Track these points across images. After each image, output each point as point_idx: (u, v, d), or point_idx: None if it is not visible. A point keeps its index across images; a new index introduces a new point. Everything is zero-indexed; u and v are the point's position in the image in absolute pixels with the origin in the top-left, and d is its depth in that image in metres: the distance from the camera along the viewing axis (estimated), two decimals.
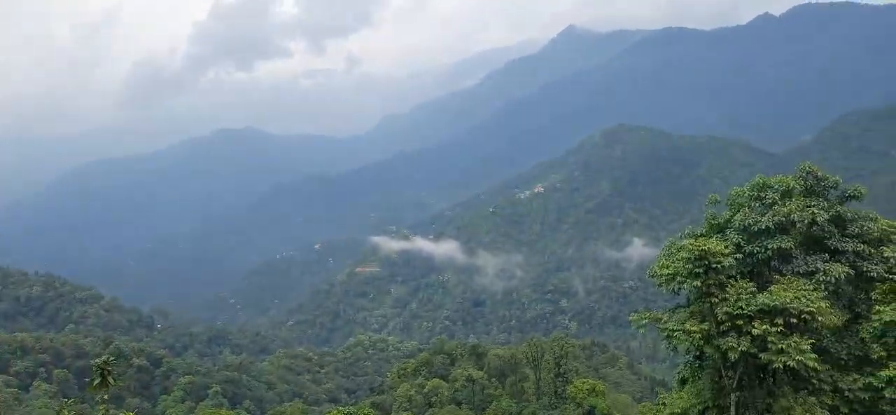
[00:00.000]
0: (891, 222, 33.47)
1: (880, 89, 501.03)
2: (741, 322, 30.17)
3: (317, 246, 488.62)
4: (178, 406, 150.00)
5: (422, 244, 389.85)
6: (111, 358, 34.93)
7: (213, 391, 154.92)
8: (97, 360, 37.37)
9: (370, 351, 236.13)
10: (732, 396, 32.21)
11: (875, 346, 30.08)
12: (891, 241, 32.43)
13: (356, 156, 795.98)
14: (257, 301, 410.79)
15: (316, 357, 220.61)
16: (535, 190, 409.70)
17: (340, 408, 55.99)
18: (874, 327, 29.89)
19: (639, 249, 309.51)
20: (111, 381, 34.62)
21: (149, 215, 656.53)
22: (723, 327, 30.83)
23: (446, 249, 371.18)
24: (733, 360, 30.59)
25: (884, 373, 28.73)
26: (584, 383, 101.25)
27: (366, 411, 56.84)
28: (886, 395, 28.59)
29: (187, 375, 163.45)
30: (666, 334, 32.78)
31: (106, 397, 34.69)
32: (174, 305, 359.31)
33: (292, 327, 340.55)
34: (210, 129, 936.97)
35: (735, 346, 29.90)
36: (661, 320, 33.57)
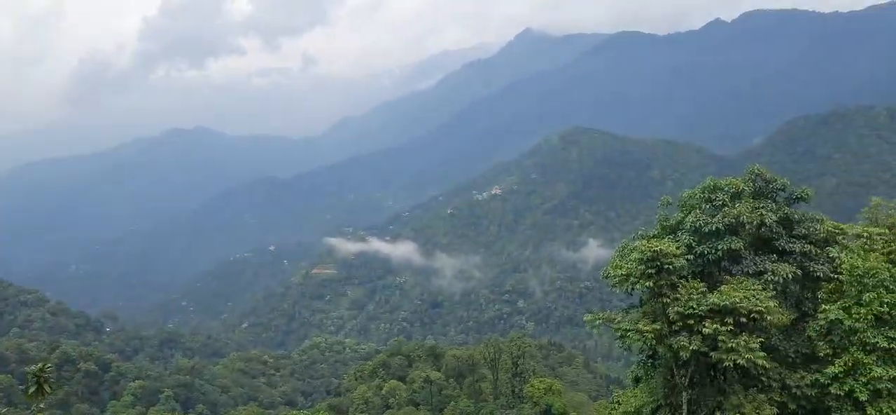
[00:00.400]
0: (836, 224, 34.58)
1: (826, 94, 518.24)
2: (692, 322, 30.78)
3: (271, 248, 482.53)
4: (128, 411, 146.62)
5: (378, 246, 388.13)
6: (48, 364, 33.75)
7: (164, 396, 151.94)
8: (32, 367, 35.99)
9: (327, 353, 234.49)
10: (684, 394, 32.83)
11: (821, 343, 30.99)
12: (836, 242, 33.49)
13: (311, 157, 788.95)
14: (210, 304, 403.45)
15: (271, 360, 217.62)
16: (493, 192, 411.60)
17: (296, 412, 55.29)
18: (820, 325, 30.79)
19: (594, 250, 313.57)
20: (47, 389, 33.51)
21: (95, 217, 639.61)
22: (675, 327, 31.40)
23: (403, 250, 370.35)
24: (685, 359, 31.22)
25: (829, 370, 29.62)
26: (540, 382, 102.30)
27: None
28: (832, 391, 29.49)
29: (137, 379, 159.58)
30: (620, 333, 33.28)
31: (42, 405, 33.58)
32: (122, 309, 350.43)
33: (246, 329, 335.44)
34: (159, 128, 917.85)
35: (686, 345, 30.50)
36: (614, 320, 34.07)
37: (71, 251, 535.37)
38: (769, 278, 31.81)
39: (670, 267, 31.58)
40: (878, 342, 28.71)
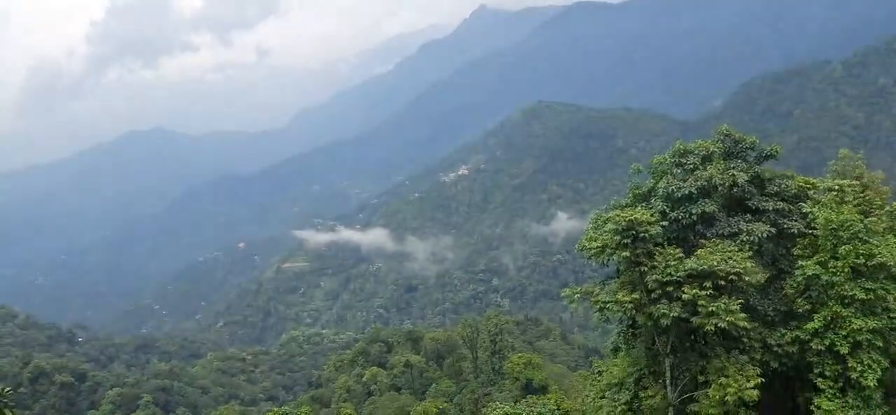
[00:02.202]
0: (806, 179, 34.57)
1: (781, 52, 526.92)
2: (671, 288, 30.51)
3: (240, 245, 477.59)
4: None
5: (349, 235, 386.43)
6: (6, 388, 32.42)
7: (144, 401, 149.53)
8: None
9: (305, 346, 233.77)
10: (666, 361, 32.71)
11: (799, 300, 30.94)
12: (808, 197, 33.47)
13: (273, 151, 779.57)
14: (183, 306, 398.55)
15: (250, 357, 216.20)
16: (460, 172, 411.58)
17: (277, 409, 54.41)
18: (798, 282, 30.72)
19: (564, 223, 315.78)
20: (9, 413, 32.15)
21: (57, 228, 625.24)
22: (654, 295, 31.12)
23: (374, 237, 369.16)
24: (665, 326, 30.97)
25: (809, 325, 29.59)
26: (520, 357, 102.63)
27: (304, 408, 55.47)
28: (813, 346, 29.49)
29: (115, 387, 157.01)
30: (599, 306, 32.89)
31: None
32: (93, 319, 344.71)
33: (222, 328, 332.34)
34: (117, 132, 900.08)
35: (667, 312, 30.24)
36: (593, 293, 33.68)
37: (36, 264, 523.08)
38: (744, 239, 31.66)
39: (646, 235, 31.26)
40: (855, 294, 28.72)
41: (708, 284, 29.58)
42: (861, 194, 33.25)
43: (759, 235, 31.69)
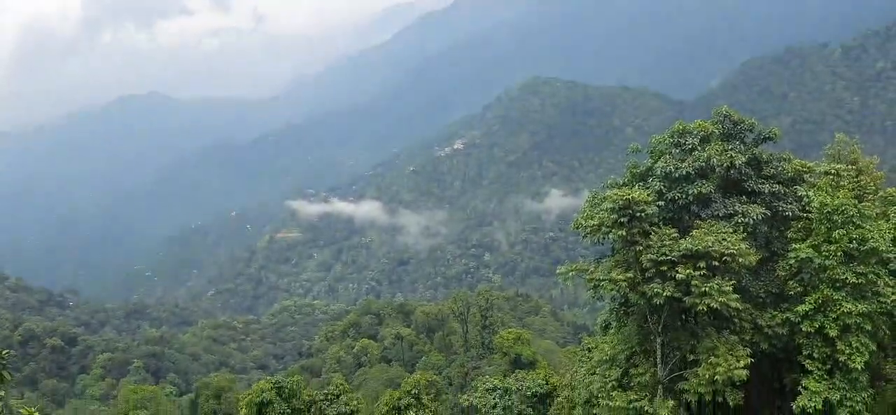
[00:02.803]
0: (803, 162, 34.78)
1: (779, 34, 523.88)
2: (665, 268, 30.81)
3: (232, 213, 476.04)
4: (97, 384, 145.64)
5: (342, 207, 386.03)
6: (5, 350, 32.34)
7: (134, 366, 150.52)
8: None
9: (296, 316, 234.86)
10: (658, 339, 33.06)
11: (791, 282, 31.35)
12: (803, 180, 33.72)
13: (268, 119, 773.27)
14: (174, 273, 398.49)
15: (241, 325, 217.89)
16: (455, 146, 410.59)
17: (268, 378, 54.88)
18: (790, 264, 31.07)
19: (558, 200, 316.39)
20: (7, 375, 32.19)
21: (48, 191, 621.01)
22: (648, 274, 31.44)
23: (367, 210, 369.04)
24: (658, 305, 31.29)
25: (800, 308, 29.97)
26: (509, 332, 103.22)
27: (295, 378, 55.87)
28: (803, 328, 29.92)
29: (105, 352, 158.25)
30: (593, 284, 33.20)
31: (2, 393, 32.26)
32: (84, 285, 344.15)
33: (213, 296, 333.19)
34: (110, 96, 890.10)
35: (660, 291, 30.56)
36: (587, 271, 33.96)
37: (27, 227, 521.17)
38: (739, 220, 31.93)
39: (642, 214, 31.48)
40: (847, 278, 29.11)
41: (702, 264, 29.87)
42: (856, 179, 33.54)
43: (754, 217, 31.96)
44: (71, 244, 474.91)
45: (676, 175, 33.08)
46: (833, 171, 33.13)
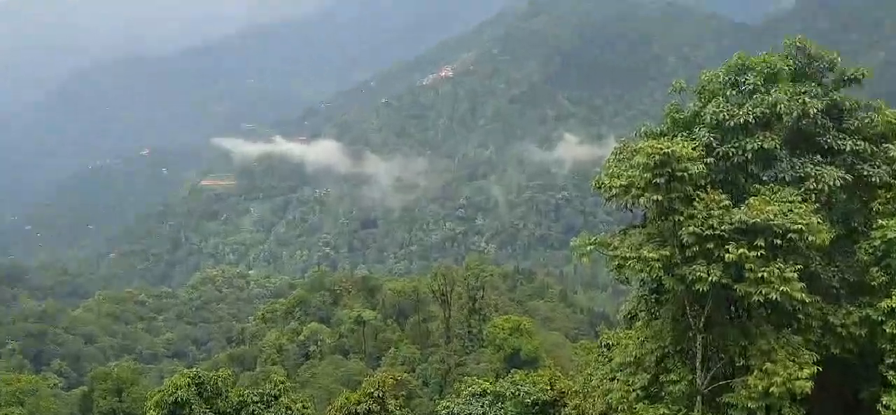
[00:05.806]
0: None
1: None
2: (712, 245, 30.63)
3: (144, 152, 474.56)
4: None
5: (289, 148, 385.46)
6: None
7: (7, 349, 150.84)
8: None
9: (224, 290, 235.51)
10: (699, 338, 33.14)
11: (875, 270, 31.19)
12: None
13: (195, 27, 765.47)
14: (65, 229, 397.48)
15: (151, 300, 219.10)
16: (442, 74, 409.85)
17: (186, 371, 54.78)
18: (875, 246, 30.87)
19: (574, 149, 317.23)
20: None
21: None
22: (689, 253, 31.29)
23: (323, 153, 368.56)
24: (701, 292, 31.31)
25: (884, 303, 29.92)
26: (505, 320, 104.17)
27: (222, 371, 55.93)
28: (887, 330, 29.92)
29: None
30: (617, 262, 33.05)
31: None
32: None
33: (116, 260, 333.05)
34: None
35: (704, 275, 30.38)
36: (610, 245, 33.76)
37: None
38: (811, 186, 31.78)
39: (685, 174, 31.28)
40: None
41: (759, 242, 29.80)
42: None
43: (831, 182, 31.84)
44: None
45: (731, 124, 32.87)
46: None
